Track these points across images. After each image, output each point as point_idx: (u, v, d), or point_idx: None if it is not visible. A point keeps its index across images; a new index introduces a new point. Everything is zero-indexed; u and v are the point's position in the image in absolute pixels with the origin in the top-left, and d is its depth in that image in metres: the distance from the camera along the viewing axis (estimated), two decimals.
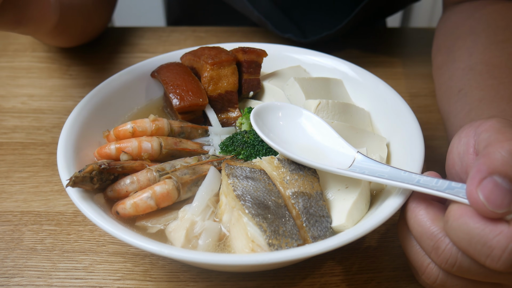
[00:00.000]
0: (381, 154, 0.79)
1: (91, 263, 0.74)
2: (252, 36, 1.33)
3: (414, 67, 1.23)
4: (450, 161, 0.64)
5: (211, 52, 0.91)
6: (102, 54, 1.25)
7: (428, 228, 0.57)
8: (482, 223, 0.51)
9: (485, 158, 0.53)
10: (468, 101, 0.84)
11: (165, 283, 0.72)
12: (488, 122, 0.59)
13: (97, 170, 0.69)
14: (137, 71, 0.94)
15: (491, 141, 0.55)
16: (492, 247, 0.50)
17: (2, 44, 1.31)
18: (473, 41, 0.93)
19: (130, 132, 0.80)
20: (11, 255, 0.75)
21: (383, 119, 0.87)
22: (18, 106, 1.08)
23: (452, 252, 0.55)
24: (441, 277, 0.59)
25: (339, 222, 0.68)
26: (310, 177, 0.71)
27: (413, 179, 0.61)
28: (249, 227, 0.63)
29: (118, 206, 0.70)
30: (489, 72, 0.86)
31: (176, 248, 0.61)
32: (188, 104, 0.85)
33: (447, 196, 0.56)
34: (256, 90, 0.93)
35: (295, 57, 1.00)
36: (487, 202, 0.51)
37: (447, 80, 0.94)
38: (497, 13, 0.96)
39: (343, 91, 0.93)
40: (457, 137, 0.63)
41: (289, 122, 0.79)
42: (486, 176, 0.52)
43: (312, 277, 0.73)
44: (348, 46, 1.31)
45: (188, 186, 0.72)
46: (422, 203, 0.60)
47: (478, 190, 0.51)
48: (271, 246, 0.61)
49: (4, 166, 0.92)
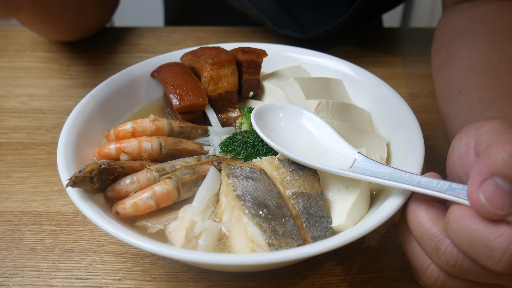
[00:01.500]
0: (381, 154, 0.79)
1: (91, 263, 0.74)
2: (252, 36, 1.33)
3: (414, 67, 1.23)
4: (451, 162, 0.64)
5: (211, 52, 0.91)
6: (102, 54, 1.25)
7: (429, 229, 0.57)
8: (483, 224, 0.51)
9: (486, 159, 0.53)
10: (468, 102, 0.84)
11: (165, 283, 0.72)
12: (489, 123, 0.59)
13: (97, 170, 0.69)
14: (137, 71, 0.94)
15: (492, 143, 0.55)
16: (493, 249, 0.50)
17: (2, 44, 1.31)
18: (472, 42, 0.93)
19: (130, 132, 0.80)
20: (11, 255, 0.75)
21: (383, 119, 0.87)
22: (18, 106, 1.08)
23: (453, 253, 0.55)
24: (441, 278, 0.59)
25: (339, 222, 0.68)
26: (310, 177, 0.71)
27: (414, 180, 0.61)
28: (249, 227, 0.63)
29: (118, 206, 0.70)
30: (488, 73, 0.86)
31: (176, 248, 0.61)
32: (188, 104, 0.85)
33: (448, 197, 0.56)
34: (256, 90, 0.93)
35: (295, 57, 1.00)
36: (488, 204, 0.51)
37: (447, 81, 0.94)
38: (495, 14, 0.96)
39: (343, 91, 0.93)
40: (458, 138, 0.63)
41: (290, 123, 0.79)
42: (487, 177, 0.52)
43: (312, 277, 0.73)
44: (348, 46, 1.31)
45: (188, 186, 0.72)
46: (423, 204, 0.60)
47: (479, 191, 0.51)
48: (271, 246, 0.61)
49: (4, 166, 0.92)
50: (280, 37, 1.33)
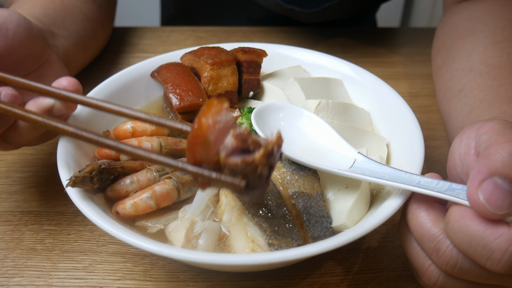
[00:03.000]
0: (381, 154, 0.79)
1: (91, 263, 0.74)
2: (252, 36, 1.33)
3: (414, 67, 1.23)
4: (451, 163, 0.64)
5: (211, 52, 0.91)
6: (102, 54, 1.25)
7: (429, 230, 0.57)
8: (483, 225, 0.51)
9: (485, 159, 0.53)
10: (469, 102, 0.84)
11: (165, 283, 0.72)
12: (489, 123, 0.59)
13: (97, 170, 0.69)
14: (137, 71, 0.94)
15: (492, 143, 0.55)
16: (492, 250, 0.50)
17: None
18: (472, 42, 0.93)
19: (130, 132, 0.79)
20: (11, 255, 0.75)
21: (383, 119, 0.87)
22: None
23: (453, 254, 0.55)
24: (441, 278, 0.59)
25: (339, 222, 0.68)
26: (310, 177, 0.71)
27: (414, 180, 0.61)
28: (249, 227, 0.63)
29: (118, 206, 0.70)
30: (488, 73, 0.86)
31: (176, 248, 0.61)
32: (188, 104, 0.85)
33: (448, 197, 0.56)
34: (256, 90, 0.93)
35: (295, 57, 1.00)
36: (487, 204, 0.50)
37: (447, 81, 0.94)
38: (496, 14, 0.96)
39: (343, 91, 0.93)
40: (458, 138, 0.63)
41: (290, 123, 0.79)
42: (487, 177, 0.52)
43: (312, 277, 0.73)
44: (348, 46, 1.31)
45: (188, 186, 0.72)
46: (423, 205, 0.60)
47: (478, 191, 0.51)
48: (271, 246, 0.61)
49: (4, 166, 0.92)
50: (280, 37, 1.33)
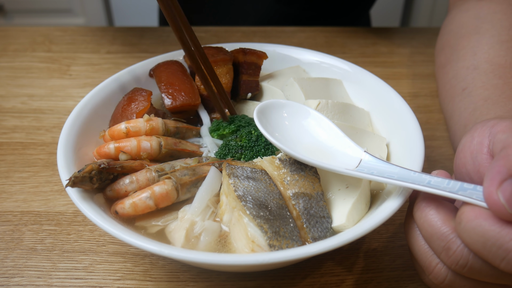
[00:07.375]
0: (381, 154, 0.79)
1: (91, 263, 0.74)
2: (252, 36, 1.33)
3: (414, 67, 1.23)
4: (461, 160, 0.62)
5: (210, 51, 0.91)
6: (102, 54, 1.25)
7: (439, 229, 0.56)
8: (498, 225, 0.50)
9: (504, 159, 0.52)
10: (473, 100, 0.83)
11: (165, 283, 0.72)
12: (504, 122, 0.58)
13: (96, 170, 0.69)
14: (137, 71, 0.94)
15: (510, 143, 0.54)
16: (508, 250, 0.49)
17: (2, 44, 1.31)
18: (477, 41, 0.93)
19: (124, 132, 0.79)
20: (11, 255, 0.75)
21: (383, 119, 0.87)
22: (18, 106, 1.08)
23: (464, 253, 0.54)
24: (449, 277, 0.58)
25: (339, 222, 0.68)
26: (311, 177, 0.70)
27: (424, 180, 0.60)
28: (249, 227, 0.63)
29: (117, 205, 0.70)
30: (493, 72, 0.85)
31: (176, 248, 0.61)
32: (180, 104, 0.84)
33: (461, 198, 0.54)
34: (254, 92, 0.92)
35: (295, 57, 1.00)
36: (507, 204, 0.49)
37: (451, 79, 0.93)
38: (503, 13, 0.96)
39: (342, 91, 0.93)
40: (470, 136, 0.62)
41: (294, 121, 0.77)
42: (507, 178, 0.50)
43: (312, 277, 0.73)
44: (348, 46, 1.31)
45: (187, 187, 0.72)
46: (432, 203, 0.59)
47: (498, 191, 0.50)
48: (271, 247, 0.61)
49: (4, 166, 0.92)
50: (280, 37, 1.33)
